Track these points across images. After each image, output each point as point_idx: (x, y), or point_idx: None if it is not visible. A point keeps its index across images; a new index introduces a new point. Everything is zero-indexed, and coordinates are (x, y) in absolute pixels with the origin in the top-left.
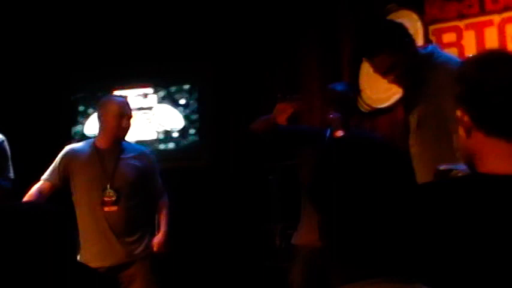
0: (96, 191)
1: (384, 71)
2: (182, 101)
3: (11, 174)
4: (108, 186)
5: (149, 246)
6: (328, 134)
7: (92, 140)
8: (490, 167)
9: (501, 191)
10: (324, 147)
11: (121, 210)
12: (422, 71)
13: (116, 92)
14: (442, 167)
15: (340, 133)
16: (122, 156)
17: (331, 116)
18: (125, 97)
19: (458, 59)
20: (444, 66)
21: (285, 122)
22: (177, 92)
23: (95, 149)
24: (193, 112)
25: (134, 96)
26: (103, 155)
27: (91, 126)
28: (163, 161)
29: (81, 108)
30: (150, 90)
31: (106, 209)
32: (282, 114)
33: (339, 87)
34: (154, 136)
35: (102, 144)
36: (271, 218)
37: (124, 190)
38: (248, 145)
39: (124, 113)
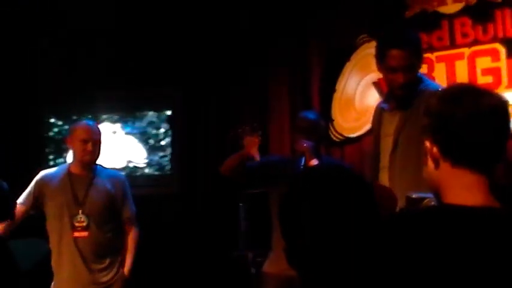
0: (67, 217)
1: (401, 66)
2: (153, 128)
3: None
4: (80, 211)
5: (119, 273)
6: (302, 163)
7: (66, 165)
8: (455, 198)
9: (465, 223)
10: (299, 176)
11: (91, 236)
12: (412, 93)
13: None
14: (414, 195)
15: (314, 162)
16: (94, 181)
17: (304, 144)
18: (94, 121)
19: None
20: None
21: (257, 153)
22: (147, 118)
23: (67, 175)
24: (163, 138)
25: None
26: (75, 181)
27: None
28: (132, 188)
29: (51, 134)
30: (118, 126)
31: (76, 234)
32: (253, 146)
33: (311, 115)
34: (123, 164)
35: (74, 170)
36: (241, 246)
37: (95, 216)
38: (218, 172)
39: (88, 138)
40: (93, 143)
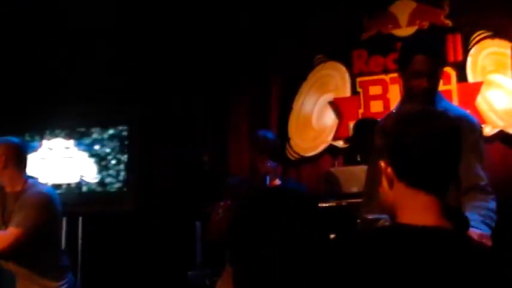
0: None
1: (425, 71)
2: (107, 145)
3: None
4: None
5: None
6: (267, 183)
7: None
8: (409, 218)
9: (415, 242)
10: (262, 197)
11: (21, 256)
12: (435, 105)
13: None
14: (370, 217)
15: (277, 182)
16: (21, 197)
17: (268, 164)
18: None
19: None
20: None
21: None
22: (102, 135)
23: (1, 190)
24: (118, 155)
25: (58, 147)
26: (7, 197)
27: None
28: (86, 205)
29: None
30: (71, 142)
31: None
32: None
33: (270, 135)
34: (76, 179)
35: (6, 185)
36: (197, 264)
37: None
38: (174, 189)
39: None
40: None
